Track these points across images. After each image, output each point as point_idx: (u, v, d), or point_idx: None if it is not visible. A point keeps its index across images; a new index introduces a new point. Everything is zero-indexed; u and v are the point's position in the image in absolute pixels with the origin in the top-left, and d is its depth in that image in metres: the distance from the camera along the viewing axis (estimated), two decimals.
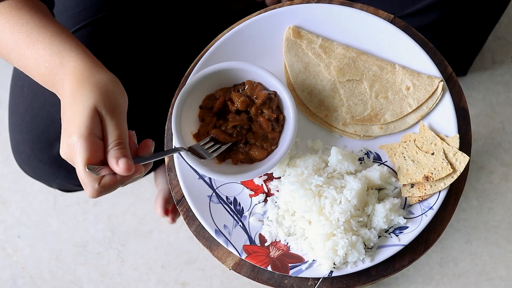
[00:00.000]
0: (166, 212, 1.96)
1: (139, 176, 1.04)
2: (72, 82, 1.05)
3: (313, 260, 1.16)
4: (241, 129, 1.18)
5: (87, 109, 1.00)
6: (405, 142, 1.21)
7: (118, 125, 1.01)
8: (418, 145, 1.19)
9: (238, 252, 1.16)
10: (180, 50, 1.53)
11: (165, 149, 1.25)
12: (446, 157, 1.16)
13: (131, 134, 1.08)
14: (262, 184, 1.21)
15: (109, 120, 1.01)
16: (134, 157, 1.04)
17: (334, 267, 1.14)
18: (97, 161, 0.99)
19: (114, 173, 1.00)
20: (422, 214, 1.16)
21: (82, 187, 1.54)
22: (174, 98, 1.23)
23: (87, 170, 0.97)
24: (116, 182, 1.01)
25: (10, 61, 1.15)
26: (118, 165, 0.98)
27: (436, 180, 1.16)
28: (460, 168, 1.16)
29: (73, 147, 0.98)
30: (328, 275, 1.14)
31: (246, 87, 1.19)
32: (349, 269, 1.14)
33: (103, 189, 1.00)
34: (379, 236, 1.16)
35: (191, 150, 1.14)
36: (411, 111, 1.21)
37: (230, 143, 1.18)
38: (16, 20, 1.12)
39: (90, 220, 2.06)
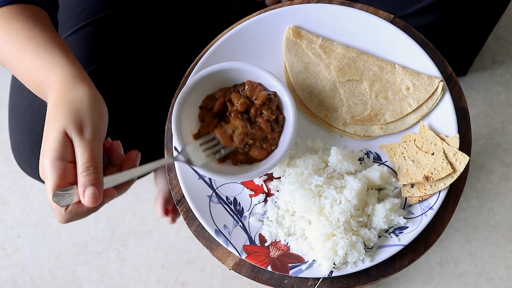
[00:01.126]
0: (166, 212, 1.96)
1: (109, 200, 1.00)
2: (51, 99, 1.03)
3: (313, 260, 1.16)
4: (247, 138, 1.17)
5: (56, 132, 0.97)
6: (405, 142, 1.21)
7: (87, 147, 0.97)
8: (418, 145, 1.19)
9: (238, 252, 1.16)
10: (180, 50, 1.53)
11: (164, 150, 1.25)
12: (446, 157, 1.16)
13: (114, 145, 1.04)
14: (262, 184, 1.21)
15: (78, 142, 0.97)
16: (112, 175, 0.99)
17: (334, 267, 1.14)
18: (67, 185, 0.96)
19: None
20: (422, 214, 1.16)
21: None
22: (174, 98, 1.23)
23: (52, 198, 0.95)
24: (83, 210, 0.97)
25: (8, 70, 1.15)
26: (84, 196, 0.94)
27: (436, 180, 1.16)
28: (460, 168, 1.16)
29: (44, 171, 0.96)
30: (328, 275, 1.14)
31: (246, 87, 1.19)
32: (349, 269, 1.14)
33: (71, 216, 0.97)
34: (379, 236, 1.16)
35: (181, 157, 1.11)
36: (411, 111, 1.21)
37: (231, 149, 1.16)
38: (7, 30, 1.10)
39: (90, 220, 2.06)
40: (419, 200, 1.17)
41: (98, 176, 0.96)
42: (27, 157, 1.42)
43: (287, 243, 1.17)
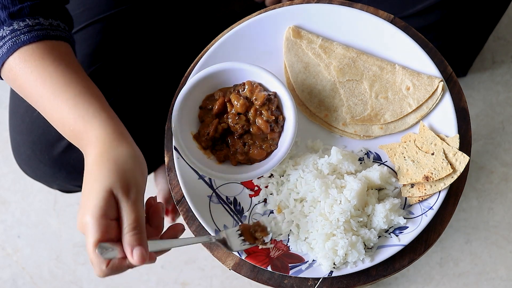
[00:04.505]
0: (166, 212, 1.96)
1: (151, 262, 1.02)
2: (93, 154, 1.03)
3: (313, 260, 1.16)
4: (242, 121, 1.18)
5: (102, 190, 0.98)
6: (405, 142, 1.21)
7: (133, 208, 0.99)
8: (418, 145, 1.19)
9: (238, 252, 1.16)
10: (180, 50, 1.53)
11: (164, 150, 1.25)
12: (446, 157, 1.16)
13: (159, 207, 1.05)
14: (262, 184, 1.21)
15: (124, 203, 0.99)
16: (154, 240, 1.02)
17: (334, 267, 1.14)
18: (109, 241, 0.97)
19: (124, 257, 0.98)
20: (422, 214, 1.16)
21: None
22: (174, 98, 1.23)
23: (96, 251, 0.96)
24: (124, 266, 0.99)
25: (39, 110, 1.13)
26: (133, 255, 0.96)
27: (436, 180, 1.16)
28: (460, 168, 1.16)
29: (86, 226, 0.97)
30: (328, 275, 1.14)
31: (246, 87, 1.19)
32: (349, 269, 1.14)
33: (111, 271, 0.99)
34: (379, 236, 1.16)
35: (222, 240, 1.13)
36: (411, 111, 1.21)
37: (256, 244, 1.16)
38: (39, 71, 1.09)
39: None
40: (419, 200, 1.17)
41: (143, 236, 0.98)
42: (27, 157, 1.42)
43: (287, 243, 1.17)
